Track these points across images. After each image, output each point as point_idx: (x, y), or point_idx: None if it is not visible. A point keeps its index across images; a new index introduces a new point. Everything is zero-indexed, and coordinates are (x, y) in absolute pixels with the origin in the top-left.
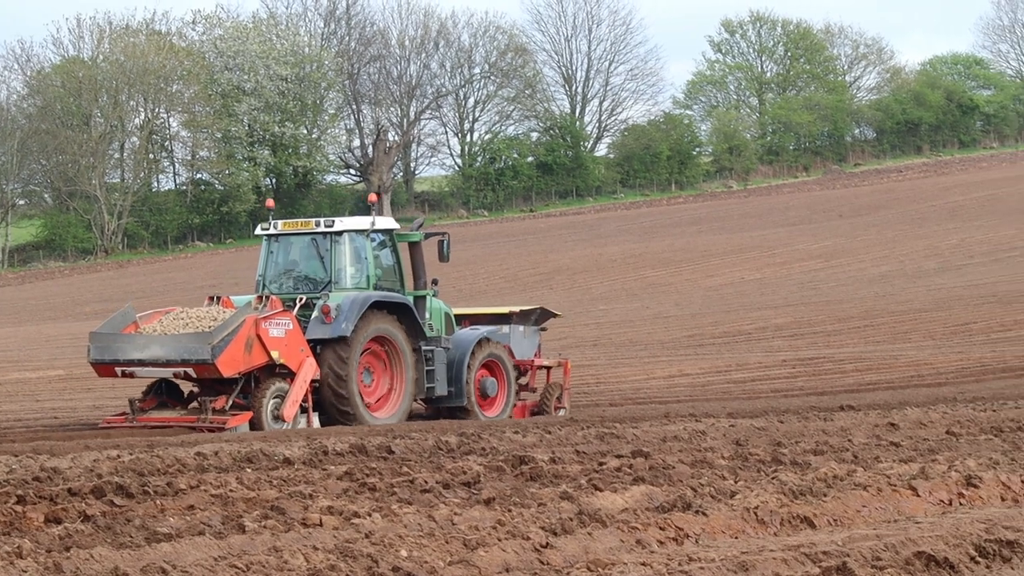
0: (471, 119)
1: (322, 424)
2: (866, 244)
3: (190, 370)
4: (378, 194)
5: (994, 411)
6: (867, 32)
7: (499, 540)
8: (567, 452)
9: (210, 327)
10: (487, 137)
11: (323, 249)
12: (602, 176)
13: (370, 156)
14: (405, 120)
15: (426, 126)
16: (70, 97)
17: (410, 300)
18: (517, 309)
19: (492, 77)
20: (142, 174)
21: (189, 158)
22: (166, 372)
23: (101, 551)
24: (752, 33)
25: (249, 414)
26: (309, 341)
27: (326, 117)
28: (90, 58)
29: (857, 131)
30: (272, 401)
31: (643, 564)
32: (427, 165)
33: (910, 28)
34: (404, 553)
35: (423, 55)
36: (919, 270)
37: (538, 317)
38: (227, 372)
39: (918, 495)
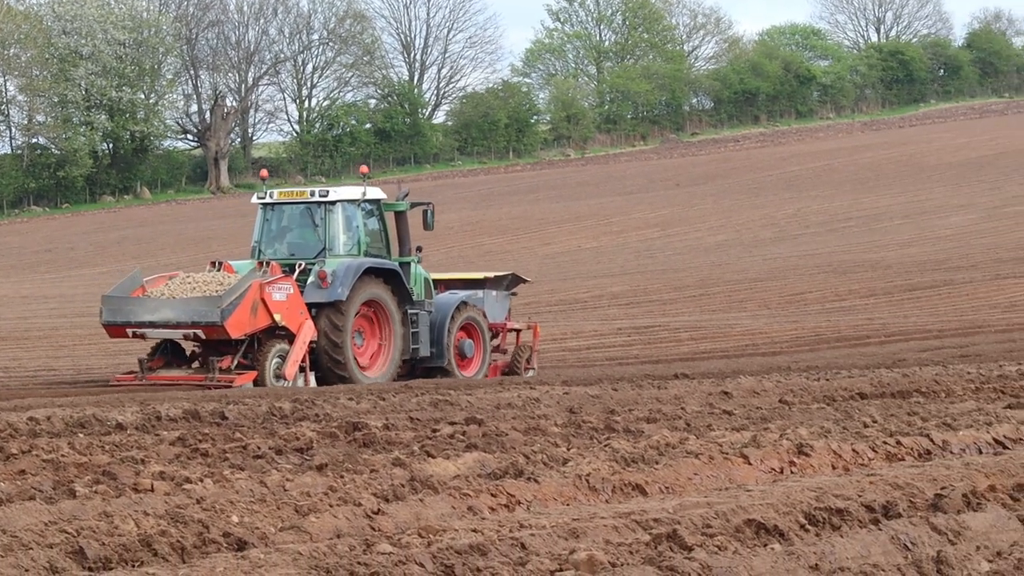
0: (309, 85)
1: (317, 383)
2: (703, 213)
3: (200, 331)
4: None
5: (827, 380)
6: (705, 2)
7: (331, 506)
8: (401, 419)
9: (217, 291)
10: (325, 103)
11: (318, 218)
12: (440, 143)
13: (208, 122)
14: (243, 86)
15: (264, 92)
16: None
17: (398, 266)
18: (491, 275)
19: (330, 43)
20: None
21: (25, 122)
22: (176, 333)
23: None
24: (590, 1)
25: (254, 373)
26: (306, 304)
27: (164, 82)
28: None
29: (695, 100)
30: (274, 361)
31: (474, 531)
32: (265, 131)
33: None
34: (235, 519)
35: (261, 20)
36: (755, 239)
37: (510, 283)
38: (235, 334)
39: (750, 463)
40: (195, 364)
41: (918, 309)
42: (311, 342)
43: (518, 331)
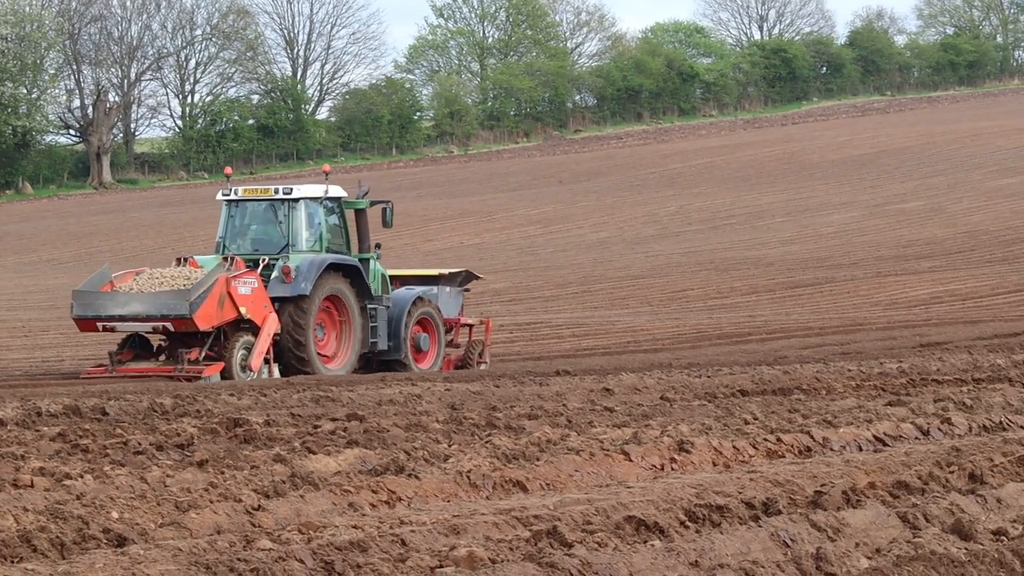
0: (192, 81)
1: (281, 374)
2: (585, 210)
3: (169, 324)
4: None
5: (708, 377)
6: None
7: (211, 502)
8: (282, 415)
9: (185, 285)
10: (208, 99)
11: (281, 214)
12: (323, 139)
13: (90, 117)
14: (126, 81)
15: (147, 87)
16: None
17: (358, 262)
18: (446, 271)
19: (213, 39)
20: None
21: None
22: (145, 326)
23: None
24: None
25: (221, 364)
26: (270, 298)
27: (46, 77)
28: None
29: (578, 97)
30: (240, 352)
31: (355, 527)
32: (148, 127)
33: None
34: (115, 515)
35: (144, 16)
36: (637, 236)
37: (463, 279)
38: (203, 326)
39: (630, 460)
40: (162, 357)
41: (800, 307)
42: (275, 335)
43: (471, 326)
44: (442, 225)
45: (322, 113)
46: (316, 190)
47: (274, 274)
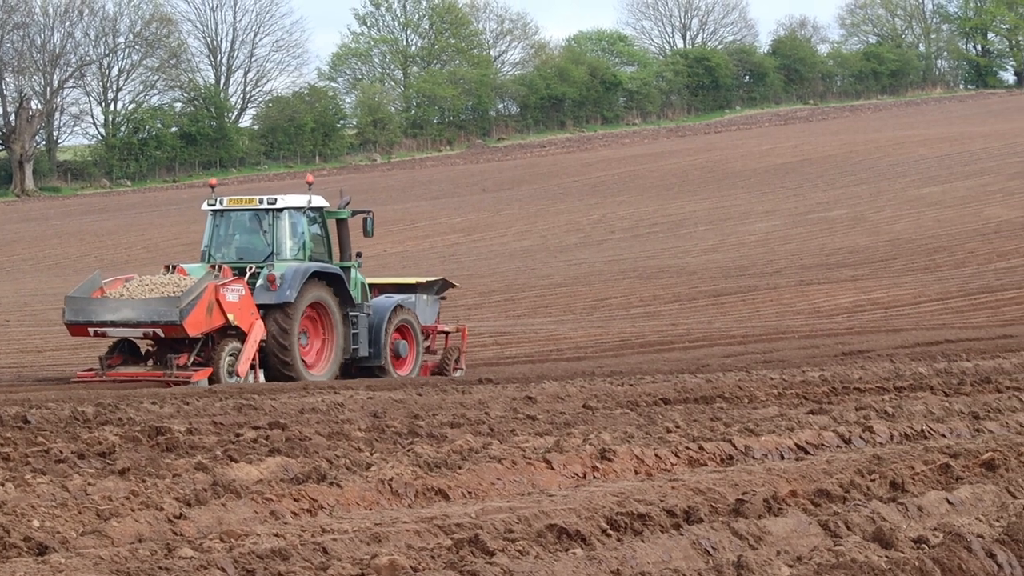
0: (115, 88)
1: (266, 379)
2: (508, 218)
3: (159, 330)
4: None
5: (631, 386)
6: (512, 7)
7: (132, 511)
8: (204, 423)
9: (175, 292)
10: (131, 107)
11: (265, 224)
12: (246, 147)
13: (12, 124)
14: (48, 89)
15: (69, 95)
16: None
17: (340, 271)
18: (423, 280)
19: (136, 47)
20: None
21: None
22: (136, 332)
23: None
24: (397, 6)
25: (210, 370)
26: (256, 306)
27: None
28: None
29: (501, 106)
30: (228, 358)
31: (276, 535)
32: (70, 134)
33: (555, 3)
34: (36, 523)
35: (67, 23)
36: (560, 245)
37: (439, 288)
38: (193, 332)
39: (553, 468)
40: (150, 362)
41: (722, 315)
42: (260, 341)
43: (447, 333)
44: None
45: (245, 121)
46: (300, 200)
47: (259, 282)
